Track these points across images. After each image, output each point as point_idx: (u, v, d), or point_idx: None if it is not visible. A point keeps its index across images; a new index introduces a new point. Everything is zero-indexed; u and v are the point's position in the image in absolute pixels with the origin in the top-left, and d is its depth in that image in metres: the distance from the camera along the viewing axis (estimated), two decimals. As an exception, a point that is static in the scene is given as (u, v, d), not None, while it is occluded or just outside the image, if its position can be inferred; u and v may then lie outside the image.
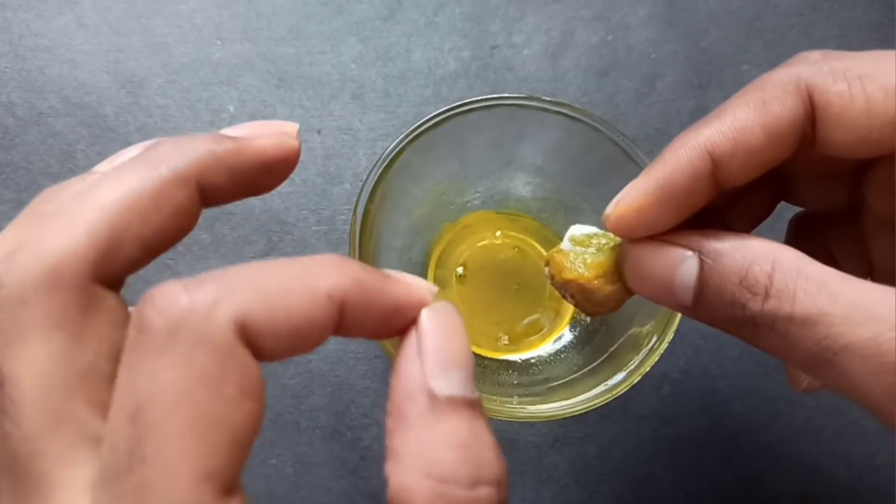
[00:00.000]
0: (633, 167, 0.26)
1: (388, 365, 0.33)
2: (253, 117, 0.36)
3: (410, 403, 0.13)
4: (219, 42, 0.37)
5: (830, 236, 0.21)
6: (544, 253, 0.33)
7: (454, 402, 0.13)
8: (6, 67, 0.36)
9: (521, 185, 0.32)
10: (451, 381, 0.14)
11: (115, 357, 0.13)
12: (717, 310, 0.16)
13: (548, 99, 0.27)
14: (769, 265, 0.15)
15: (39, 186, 0.37)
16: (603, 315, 0.20)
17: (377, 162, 0.26)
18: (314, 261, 0.14)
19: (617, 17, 0.38)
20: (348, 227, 0.25)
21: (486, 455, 0.13)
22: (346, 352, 0.33)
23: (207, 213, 0.35)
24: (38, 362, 0.12)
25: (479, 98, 0.26)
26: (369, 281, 0.14)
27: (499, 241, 0.33)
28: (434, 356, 0.14)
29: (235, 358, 0.12)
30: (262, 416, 0.12)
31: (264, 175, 0.16)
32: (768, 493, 0.32)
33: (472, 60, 0.37)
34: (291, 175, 0.38)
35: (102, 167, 0.16)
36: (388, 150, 0.26)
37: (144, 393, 0.11)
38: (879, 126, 0.16)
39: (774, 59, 0.40)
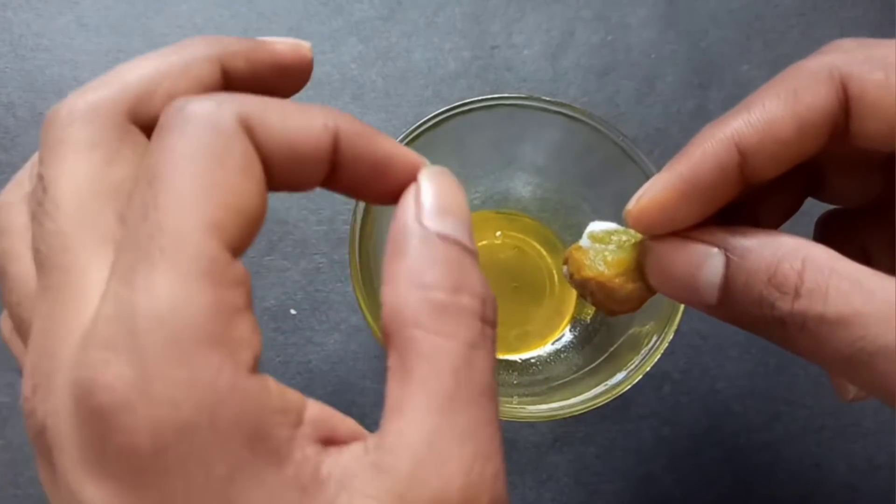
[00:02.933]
0: (633, 167, 0.26)
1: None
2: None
3: (404, 236, 0.14)
4: (219, 42, 0.37)
5: (861, 234, 0.20)
6: (544, 253, 0.33)
7: (444, 237, 0.14)
8: (6, 67, 0.36)
9: (521, 186, 0.32)
10: (444, 223, 0.14)
11: None
12: (743, 309, 0.16)
13: (548, 99, 0.27)
14: (799, 263, 0.15)
15: (40, 186, 0.37)
16: (623, 314, 0.20)
17: (377, 162, 0.26)
18: (313, 104, 0.15)
19: (617, 18, 0.38)
20: (348, 227, 0.25)
21: (470, 275, 0.14)
22: (346, 352, 0.33)
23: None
24: (76, 172, 0.14)
25: (479, 98, 0.26)
26: (363, 127, 0.15)
27: (499, 241, 0.33)
28: (430, 202, 0.15)
29: (238, 141, 0.13)
30: (265, 201, 0.14)
31: (280, 76, 0.18)
32: (768, 493, 0.32)
33: (472, 60, 0.37)
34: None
35: None
36: (388, 150, 0.26)
37: (160, 160, 0.13)
38: None
39: (775, 59, 0.40)
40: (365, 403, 0.32)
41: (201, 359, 0.12)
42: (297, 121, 0.14)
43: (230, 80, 0.17)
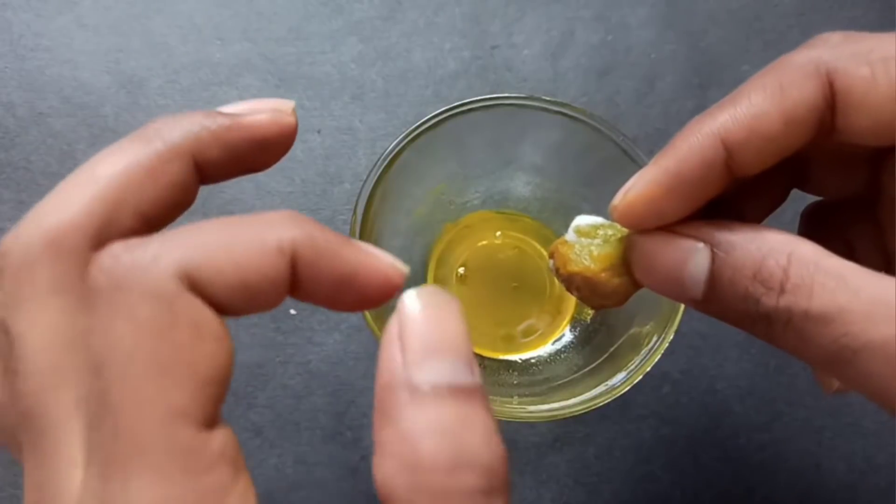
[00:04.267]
0: (634, 167, 0.26)
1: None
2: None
3: (390, 394, 0.13)
4: (219, 42, 0.37)
5: (847, 227, 0.20)
6: (545, 253, 0.33)
7: (438, 392, 0.12)
8: (6, 67, 0.36)
9: (521, 185, 0.32)
10: (435, 369, 0.13)
11: None
12: (729, 304, 0.16)
13: (548, 99, 0.27)
14: (785, 258, 0.15)
15: (39, 186, 0.37)
16: (609, 308, 0.20)
17: (377, 162, 0.26)
18: (266, 215, 0.13)
19: (617, 18, 0.38)
20: (348, 227, 0.25)
21: (471, 440, 0.12)
22: (346, 352, 0.33)
23: (206, 213, 0.35)
24: (41, 324, 0.13)
25: (479, 98, 0.26)
26: (324, 239, 0.14)
27: (499, 241, 0.33)
28: (416, 341, 0.13)
29: (182, 305, 0.12)
30: (230, 355, 0.13)
31: (259, 152, 0.16)
32: (768, 493, 0.32)
33: (472, 60, 0.37)
34: (291, 175, 0.38)
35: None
36: (388, 150, 0.26)
37: (100, 348, 0.12)
38: None
39: (775, 58, 0.39)
40: (364, 403, 0.32)
41: None
42: (246, 252, 0.13)
43: (204, 170, 0.16)
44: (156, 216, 0.15)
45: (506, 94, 0.27)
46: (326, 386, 0.32)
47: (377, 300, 0.14)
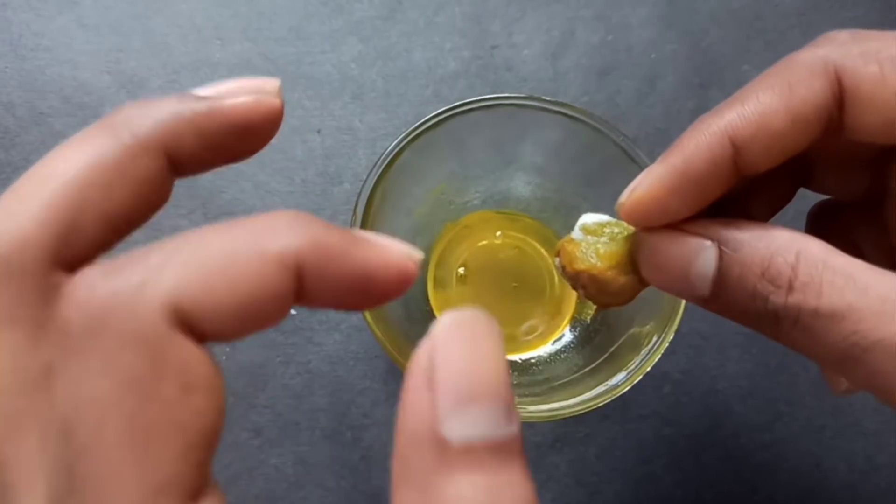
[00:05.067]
0: (634, 167, 0.26)
1: (388, 365, 0.33)
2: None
3: (415, 450, 0.11)
4: (219, 42, 0.37)
5: (852, 227, 0.20)
6: (545, 253, 0.33)
7: (471, 451, 0.10)
8: (6, 67, 0.36)
9: (522, 185, 0.32)
10: (470, 420, 0.10)
11: None
12: (737, 303, 0.15)
13: (548, 99, 0.27)
14: (793, 256, 0.14)
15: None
16: (615, 307, 0.20)
17: (377, 162, 0.26)
18: (263, 220, 0.12)
19: (617, 17, 0.38)
20: (348, 227, 0.25)
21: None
22: (346, 352, 0.33)
23: (201, 214, 0.35)
24: None
25: (480, 98, 0.26)
26: (330, 242, 0.12)
27: (499, 241, 0.33)
28: (449, 383, 0.11)
29: (171, 351, 0.10)
30: (221, 409, 0.11)
31: (241, 139, 0.14)
32: (769, 493, 0.32)
33: (473, 60, 0.37)
34: (291, 175, 0.38)
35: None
36: (388, 150, 0.26)
37: (70, 407, 0.10)
38: None
39: (775, 58, 0.39)
40: (365, 404, 0.32)
41: None
42: (245, 272, 0.11)
43: (178, 162, 0.13)
44: (124, 220, 0.13)
45: (506, 94, 0.27)
46: (326, 386, 0.32)
47: (393, 295, 0.13)
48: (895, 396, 0.13)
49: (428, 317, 0.31)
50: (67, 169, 0.12)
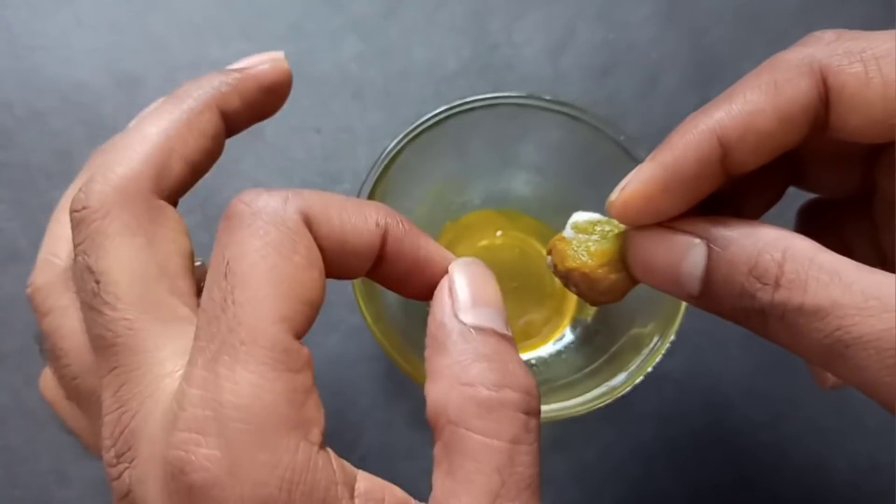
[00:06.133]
0: (635, 166, 0.26)
1: (388, 366, 0.33)
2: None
3: (442, 331, 0.15)
4: (217, 40, 0.37)
5: (843, 224, 0.20)
6: (545, 252, 0.33)
7: (482, 330, 0.15)
8: (4, 66, 0.36)
9: (522, 185, 0.32)
10: (479, 315, 0.15)
11: (183, 256, 0.17)
12: (725, 300, 0.16)
13: (548, 98, 0.26)
14: (780, 254, 0.15)
15: (37, 185, 0.37)
16: (607, 304, 0.20)
17: (377, 161, 0.26)
18: (368, 201, 0.16)
19: (618, 16, 0.38)
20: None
21: (513, 368, 0.15)
22: (345, 352, 0.33)
23: (209, 212, 0.35)
24: (124, 260, 0.15)
25: (480, 97, 0.26)
26: (410, 227, 0.17)
27: (499, 241, 0.33)
28: (464, 294, 0.16)
29: (302, 236, 0.15)
30: (325, 289, 0.15)
31: (268, 97, 0.19)
32: (770, 494, 0.32)
33: (473, 59, 0.37)
34: (291, 175, 0.38)
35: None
36: (388, 150, 0.26)
37: (233, 255, 0.14)
38: None
39: (776, 57, 0.39)
40: (365, 404, 0.32)
41: (280, 442, 0.13)
42: (352, 218, 0.16)
43: (228, 119, 0.18)
44: (198, 162, 0.18)
45: (506, 93, 0.27)
46: (326, 387, 0.32)
47: (436, 286, 0.17)
48: (878, 392, 0.14)
49: (427, 318, 0.31)
50: (153, 128, 0.17)
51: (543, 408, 0.25)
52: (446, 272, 0.17)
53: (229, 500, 0.13)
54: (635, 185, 0.17)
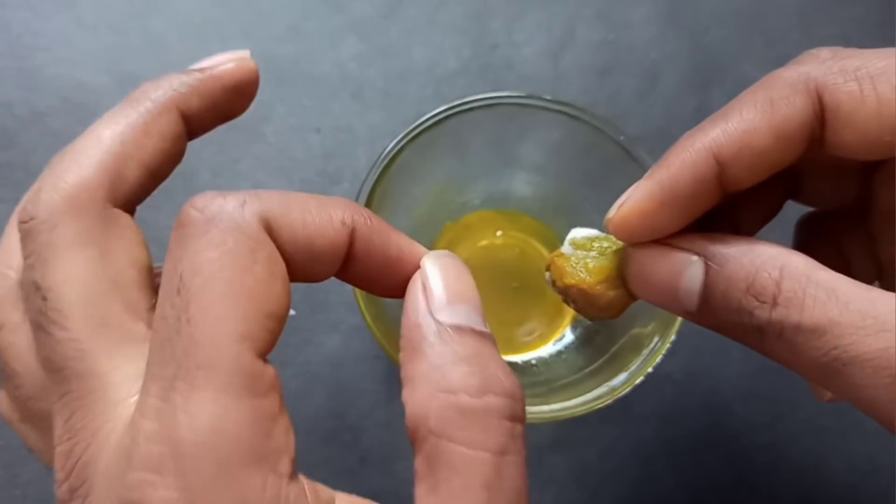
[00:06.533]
0: (635, 166, 0.26)
1: (387, 367, 0.33)
2: (251, 116, 0.36)
3: (418, 332, 0.14)
4: (218, 41, 0.37)
5: (840, 236, 0.20)
6: (545, 253, 0.33)
7: (460, 330, 0.14)
8: (4, 67, 0.36)
9: (522, 185, 0.32)
10: (456, 313, 0.15)
11: (138, 268, 0.16)
12: (723, 317, 0.16)
13: (548, 98, 0.26)
14: (777, 271, 0.15)
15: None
16: (605, 319, 0.20)
17: (377, 161, 0.26)
18: (331, 197, 0.15)
19: (618, 16, 0.38)
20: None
21: (494, 370, 0.14)
22: (345, 354, 0.33)
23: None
24: (74, 275, 0.14)
25: (480, 97, 0.26)
26: (378, 223, 0.16)
27: (499, 241, 0.33)
28: (439, 290, 0.15)
29: (262, 245, 0.14)
30: (289, 301, 0.14)
31: (233, 97, 0.18)
32: (770, 494, 0.32)
33: (473, 59, 0.37)
34: (291, 175, 0.38)
35: None
36: (387, 150, 0.26)
37: (187, 269, 0.13)
38: (891, 127, 0.15)
39: (776, 58, 0.39)
40: (365, 405, 0.32)
41: (246, 478, 0.12)
42: (316, 218, 0.15)
43: (190, 120, 0.18)
44: (157, 166, 0.17)
45: (506, 93, 0.26)
46: (326, 387, 0.32)
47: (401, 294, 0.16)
48: (876, 409, 0.14)
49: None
50: (107, 132, 0.16)
51: (544, 408, 0.25)
52: (419, 267, 0.16)
53: None
54: (633, 202, 0.17)
